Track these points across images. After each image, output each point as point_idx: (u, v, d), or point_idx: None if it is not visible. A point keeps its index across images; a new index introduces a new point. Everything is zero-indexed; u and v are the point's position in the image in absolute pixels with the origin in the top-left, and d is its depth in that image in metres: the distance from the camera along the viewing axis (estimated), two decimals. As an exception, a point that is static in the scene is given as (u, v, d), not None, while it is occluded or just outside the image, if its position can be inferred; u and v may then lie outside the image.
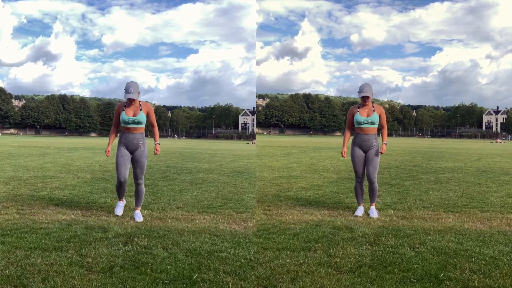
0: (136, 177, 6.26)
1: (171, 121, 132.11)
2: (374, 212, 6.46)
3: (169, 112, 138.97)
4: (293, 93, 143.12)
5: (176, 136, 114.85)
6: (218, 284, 3.74)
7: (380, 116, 6.60)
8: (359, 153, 6.60)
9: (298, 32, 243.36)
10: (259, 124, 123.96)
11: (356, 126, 6.59)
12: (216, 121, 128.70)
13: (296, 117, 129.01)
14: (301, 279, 3.82)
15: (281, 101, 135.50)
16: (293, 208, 7.02)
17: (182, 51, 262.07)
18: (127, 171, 6.21)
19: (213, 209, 6.96)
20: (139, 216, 6.11)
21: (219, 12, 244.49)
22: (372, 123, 6.53)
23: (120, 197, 6.52)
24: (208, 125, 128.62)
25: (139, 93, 6.10)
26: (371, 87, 6.52)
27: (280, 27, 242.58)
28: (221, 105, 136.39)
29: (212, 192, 8.86)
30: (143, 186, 6.31)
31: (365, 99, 6.50)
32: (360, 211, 6.57)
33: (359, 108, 6.60)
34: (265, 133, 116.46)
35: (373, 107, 6.58)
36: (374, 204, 6.63)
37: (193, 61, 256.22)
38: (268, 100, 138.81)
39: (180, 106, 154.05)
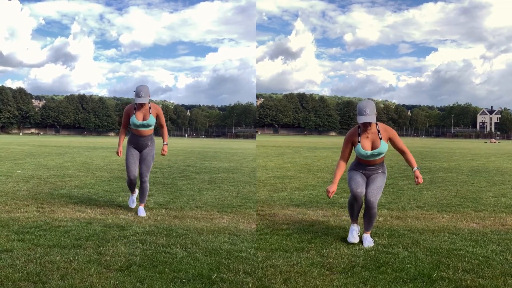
0: (141, 175, 6.48)
1: (190, 120, 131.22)
2: (369, 241, 4.93)
3: (188, 111, 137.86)
4: (288, 92, 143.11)
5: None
6: (237, 284, 3.72)
7: (391, 140, 4.94)
8: (360, 176, 5.02)
9: (292, 32, 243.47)
10: (255, 124, 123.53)
11: (358, 156, 5.05)
12: (236, 120, 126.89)
13: (291, 117, 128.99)
14: (293, 279, 3.80)
15: (275, 101, 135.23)
16: (286, 209, 6.99)
17: (200, 49, 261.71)
18: (136, 169, 6.48)
19: (233, 208, 6.90)
20: (142, 212, 6.28)
21: (237, 10, 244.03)
22: (381, 154, 4.92)
23: (132, 191, 6.77)
24: (228, 124, 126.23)
25: (149, 95, 6.39)
26: (374, 106, 4.71)
27: (274, 27, 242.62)
28: (242, 104, 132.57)
29: (232, 191, 8.77)
30: (147, 183, 6.54)
31: (366, 125, 4.79)
32: (354, 235, 5.01)
33: (359, 134, 4.89)
34: (261, 132, 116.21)
35: (378, 131, 4.86)
36: (369, 232, 5.06)
37: (212, 60, 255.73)
38: (262, 99, 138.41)
39: (199, 105, 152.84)
